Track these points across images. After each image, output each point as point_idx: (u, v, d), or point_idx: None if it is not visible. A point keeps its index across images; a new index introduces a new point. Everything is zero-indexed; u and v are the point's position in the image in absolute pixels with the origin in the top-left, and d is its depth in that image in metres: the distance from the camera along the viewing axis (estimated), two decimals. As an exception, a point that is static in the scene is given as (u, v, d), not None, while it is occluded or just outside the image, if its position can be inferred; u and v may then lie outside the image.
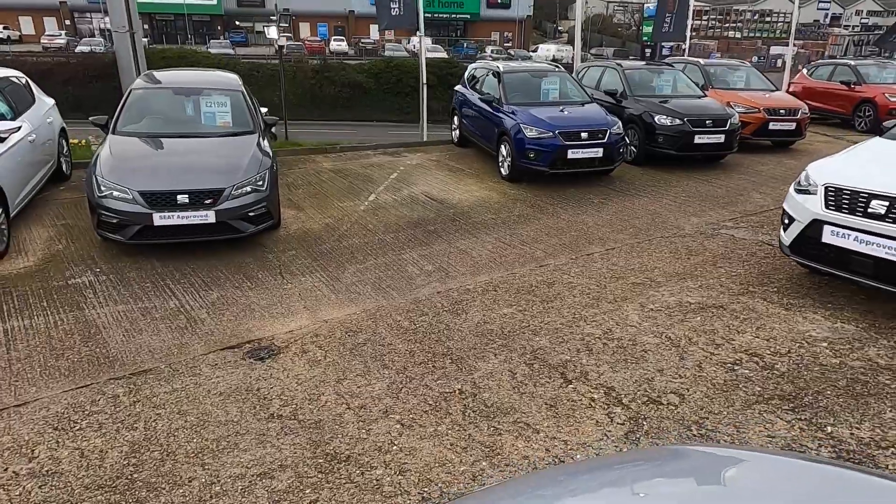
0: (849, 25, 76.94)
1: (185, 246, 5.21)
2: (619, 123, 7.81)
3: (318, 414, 3.04)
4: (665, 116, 8.43)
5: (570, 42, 72.15)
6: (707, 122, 8.39)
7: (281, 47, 11.73)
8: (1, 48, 33.74)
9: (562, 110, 7.92)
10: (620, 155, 7.84)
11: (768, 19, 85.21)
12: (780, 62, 53.50)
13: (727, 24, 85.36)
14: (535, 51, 46.75)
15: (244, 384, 3.38)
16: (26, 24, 49.26)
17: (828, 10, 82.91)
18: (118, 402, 3.20)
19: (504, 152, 7.90)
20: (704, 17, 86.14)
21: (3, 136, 5.23)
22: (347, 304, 4.44)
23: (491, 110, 8.33)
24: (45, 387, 3.35)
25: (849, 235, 3.56)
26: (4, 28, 46.06)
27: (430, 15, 55.06)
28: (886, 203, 3.40)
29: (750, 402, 2.92)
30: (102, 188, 4.94)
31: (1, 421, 3.04)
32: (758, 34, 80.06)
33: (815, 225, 3.76)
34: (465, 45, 50.71)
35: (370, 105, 28.75)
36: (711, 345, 3.52)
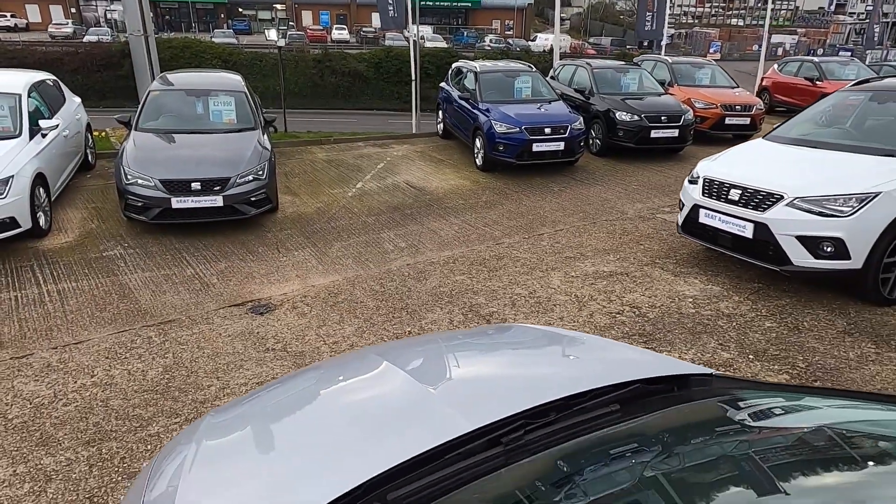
0: (854, 13, 76.64)
1: (198, 225, 6.21)
2: (581, 119, 8.75)
3: (301, 347, 4.07)
4: (625, 112, 9.37)
5: (573, 29, 72.43)
6: (662, 117, 9.33)
7: (279, 47, 12.67)
8: (11, 37, 34.56)
9: (539, 108, 8.87)
10: (581, 148, 8.79)
11: (772, 7, 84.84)
12: (780, 51, 53.72)
13: (731, 12, 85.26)
14: (533, 40, 47.29)
15: (247, 329, 4.40)
16: (33, 12, 50.02)
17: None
18: (151, 341, 4.23)
19: (478, 145, 8.87)
20: (708, 5, 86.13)
21: (45, 132, 6.23)
22: (332, 273, 5.45)
23: (468, 106, 9.28)
24: (94, 331, 4.38)
25: (715, 217, 4.54)
26: (12, 16, 46.85)
27: (431, 3, 55.65)
28: (740, 191, 4.37)
29: (617, 337, 3.93)
30: (129, 177, 5.95)
31: (66, 353, 4.06)
32: (761, 22, 79.88)
33: (696, 209, 4.75)
34: (465, 33, 51.25)
35: (371, 94, 29.39)
36: (606, 300, 4.53)
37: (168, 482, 1.46)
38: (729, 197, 4.42)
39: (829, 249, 3.92)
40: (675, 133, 9.38)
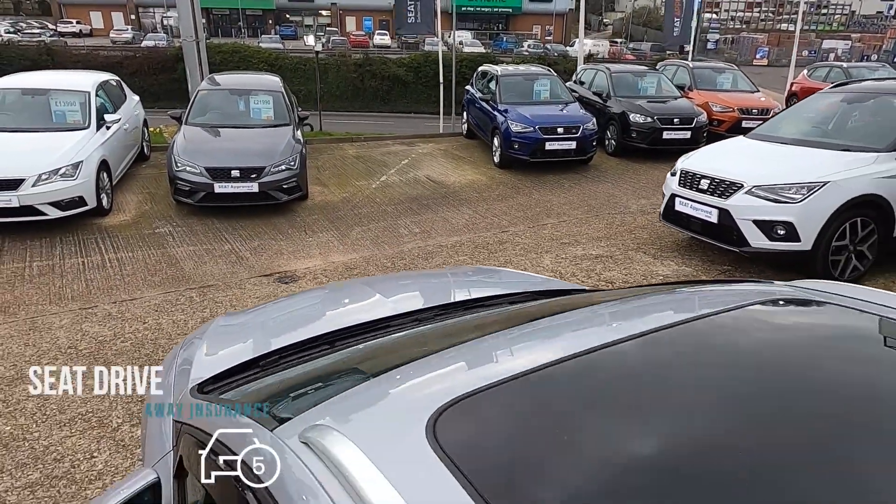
0: (917, 16, 73.25)
1: (236, 208, 7.01)
2: (594, 120, 9.25)
3: (316, 307, 4.77)
4: (638, 115, 9.81)
5: (615, 34, 72.03)
6: (675, 119, 9.73)
7: (317, 52, 13.60)
8: (77, 42, 36.94)
9: (555, 109, 9.42)
10: (593, 147, 9.28)
11: (825, 11, 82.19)
12: (832, 56, 52.09)
13: (781, 17, 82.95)
14: (572, 45, 47.46)
15: (273, 294, 5.12)
16: (96, 19, 53.11)
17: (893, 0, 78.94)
18: (193, 300, 4.99)
19: (496, 143, 9.46)
20: (756, 10, 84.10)
21: (109, 125, 7.15)
22: (350, 252, 6.14)
23: (489, 107, 9.88)
24: (146, 291, 5.18)
25: (688, 204, 5.02)
26: (77, 23, 49.89)
27: (472, 9, 56.37)
28: (709, 181, 4.84)
29: (587, 305, 4.49)
30: (178, 164, 6.79)
31: (123, 306, 4.86)
32: (813, 27, 77.52)
33: (673, 198, 5.24)
34: (504, 39, 51.81)
35: (409, 98, 30.16)
36: (586, 276, 5.07)
37: (188, 355, 2.12)
38: (699, 186, 4.91)
39: (781, 232, 4.36)
40: (688, 135, 9.75)
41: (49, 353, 4.04)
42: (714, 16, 74.05)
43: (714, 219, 4.74)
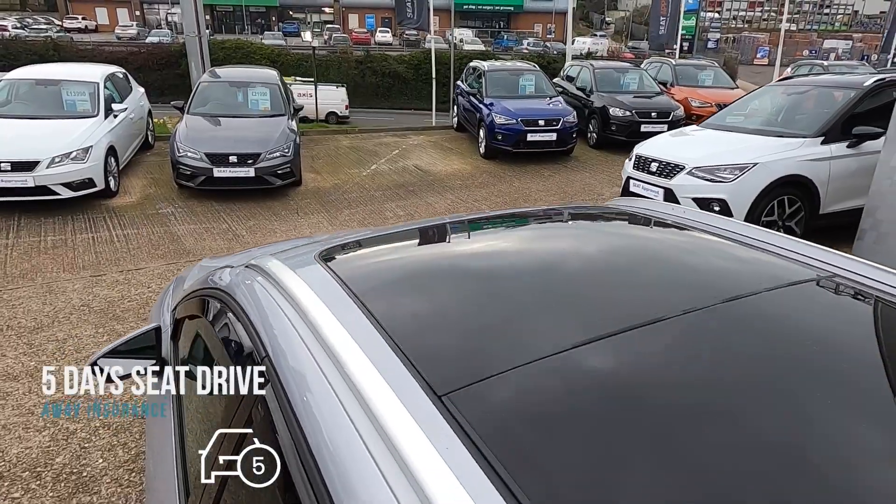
0: (918, 17, 73.32)
1: (234, 192, 7.53)
2: (574, 113, 9.76)
3: (303, 275, 5.30)
4: (618, 109, 10.31)
5: (617, 33, 72.33)
6: (652, 114, 10.23)
7: (314, 47, 14.12)
8: (82, 38, 37.52)
9: (537, 103, 9.93)
10: (573, 139, 9.78)
11: (827, 11, 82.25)
12: (832, 56, 52.24)
13: (783, 17, 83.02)
14: (572, 43, 47.86)
15: (265, 265, 5.66)
16: (101, 15, 53.67)
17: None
18: (192, 270, 5.53)
19: (482, 135, 9.98)
20: (759, 9, 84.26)
21: (116, 113, 7.69)
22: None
23: (476, 101, 10.40)
24: (150, 262, 5.71)
25: (640, 185, 5.53)
26: (83, 19, 50.50)
27: (473, 7, 56.78)
28: (657, 164, 5.36)
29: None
30: (180, 150, 7.32)
31: (129, 274, 5.40)
32: (815, 27, 77.63)
33: (628, 180, 5.75)
34: (504, 37, 52.27)
35: (409, 94, 30.63)
36: (547, 251, 5.61)
37: (177, 289, 2.63)
38: (650, 169, 5.42)
39: (716, 209, 4.86)
40: (665, 128, 10.18)
41: (64, 311, 4.58)
42: (716, 15, 74.30)
43: (660, 198, 5.25)
